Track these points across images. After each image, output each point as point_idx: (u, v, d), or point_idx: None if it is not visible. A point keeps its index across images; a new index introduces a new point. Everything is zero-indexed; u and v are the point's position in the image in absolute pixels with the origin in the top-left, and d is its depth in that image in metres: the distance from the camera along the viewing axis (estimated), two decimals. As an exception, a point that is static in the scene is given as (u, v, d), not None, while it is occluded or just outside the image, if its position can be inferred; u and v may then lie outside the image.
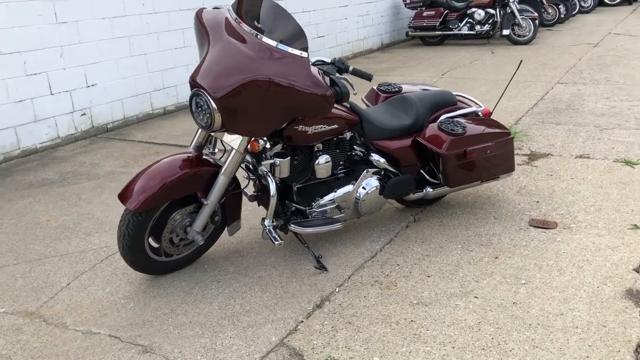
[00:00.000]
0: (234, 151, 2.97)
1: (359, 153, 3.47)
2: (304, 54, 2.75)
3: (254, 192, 3.45)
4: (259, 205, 3.49)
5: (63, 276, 3.32)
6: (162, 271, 3.23)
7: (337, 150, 3.34)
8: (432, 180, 3.65)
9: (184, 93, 7.26)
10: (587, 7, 16.07)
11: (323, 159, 3.21)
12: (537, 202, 3.98)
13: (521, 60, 4.33)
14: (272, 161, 3.05)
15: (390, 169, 3.46)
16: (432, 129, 3.50)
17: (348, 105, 3.28)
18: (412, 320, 2.73)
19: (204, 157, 3.13)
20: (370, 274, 3.17)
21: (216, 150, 3.38)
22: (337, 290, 3.03)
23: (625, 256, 3.18)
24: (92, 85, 6.15)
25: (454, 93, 3.83)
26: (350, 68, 3.04)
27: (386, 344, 2.57)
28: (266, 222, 3.06)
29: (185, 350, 2.60)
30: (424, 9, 11.42)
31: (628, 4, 17.92)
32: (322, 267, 3.23)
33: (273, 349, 2.59)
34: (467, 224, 3.70)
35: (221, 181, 3.02)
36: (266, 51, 2.74)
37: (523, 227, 3.62)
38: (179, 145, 5.71)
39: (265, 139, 3.02)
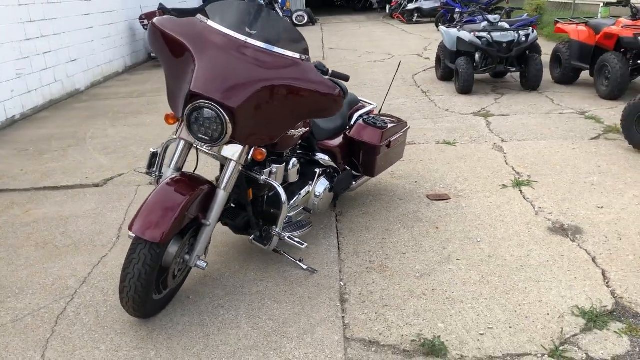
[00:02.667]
0: (233, 163, 2.83)
1: (303, 154, 3.60)
2: (306, 57, 2.82)
3: None
4: (223, 224, 3.32)
5: (25, 350, 2.67)
6: (157, 311, 2.88)
7: (295, 154, 3.42)
8: (355, 173, 3.98)
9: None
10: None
11: (293, 162, 3.27)
12: (416, 182, 4.64)
13: (400, 61, 4.95)
14: (269, 169, 3.00)
15: (335, 166, 3.68)
16: (360, 125, 3.83)
17: None
18: (433, 289, 3.05)
19: (189, 175, 2.90)
20: (354, 263, 3.36)
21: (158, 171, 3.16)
22: (343, 285, 3.14)
23: (521, 207, 4.02)
24: None
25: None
26: (330, 71, 3.18)
27: (435, 312, 2.84)
28: (277, 231, 3.00)
29: (273, 371, 2.45)
30: (163, 30, 11.35)
31: (312, 25, 20.54)
32: (310, 269, 3.29)
33: (345, 345, 2.62)
34: (386, 208, 4.13)
35: (221, 197, 2.85)
36: (269, 57, 2.73)
37: (427, 202, 4.21)
38: (-2, 190, 4.77)
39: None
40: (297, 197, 3.38)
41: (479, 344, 2.58)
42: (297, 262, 3.32)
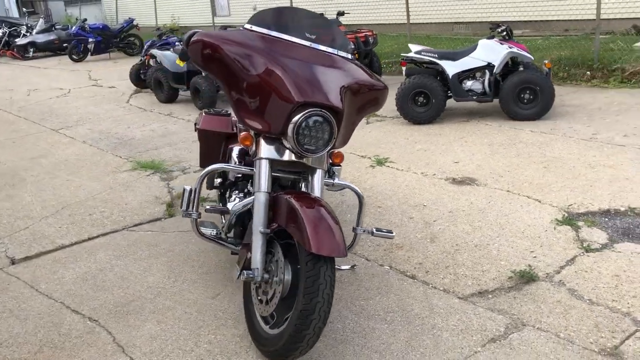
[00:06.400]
0: (319, 171, 2.77)
1: None
2: (355, 56, 2.95)
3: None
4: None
5: None
6: None
7: None
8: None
9: None
10: None
11: None
12: (297, 183, 4.89)
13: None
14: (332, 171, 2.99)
15: None
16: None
17: None
18: (456, 244, 3.53)
19: (297, 191, 2.72)
20: (368, 251, 3.54)
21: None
22: (390, 268, 3.34)
23: (410, 176, 4.76)
24: None
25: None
26: None
27: (485, 257, 3.35)
28: (361, 228, 2.98)
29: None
30: None
31: None
32: (351, 266, 3.35)
33: (469, 302, 2.94)
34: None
35: (318, 207, 2.75)
36: (334, 59, 2.79)
37: (336, 193, 4.56)
38: None
39: None
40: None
41: (543, 263, 3.22)
42: (332, 265, 3.31)
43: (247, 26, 2.72)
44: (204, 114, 3.84)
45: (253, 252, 2.52)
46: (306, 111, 2.47)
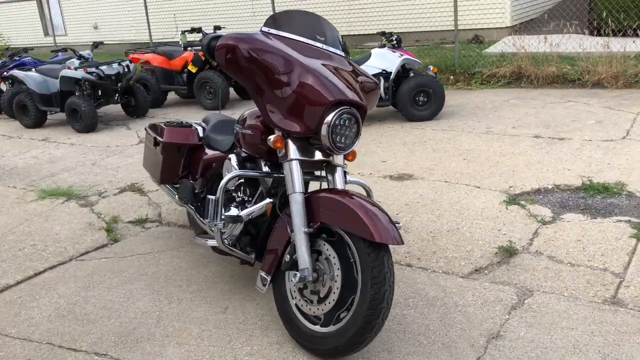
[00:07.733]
0: (339, 169, 2.85)
1: None
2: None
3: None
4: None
5: None
6: None
7: None
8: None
9: None
10: None
11: None
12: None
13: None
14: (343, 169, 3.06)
15: None
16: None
17: None
18: (430, 231, 3.79)
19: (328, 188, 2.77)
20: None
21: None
22: (382, 259, 3.49)
23: (348, 178, 4.94)
24: None
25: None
26: None
27: (464, 239, 3.64)
28: None
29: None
30: None
31: None
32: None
33: (472, 277, 3.20)
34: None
35: (344, 203, 2.82)
36: (342, 59, 2.89)
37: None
38: None
39: None
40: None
41: (514, 238, 3.58)
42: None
43: (265, 29, 2.69)
44: (165, 126, 3.67)
45: (299, 253, 2.51)
46: (340, 109, 2.53)
